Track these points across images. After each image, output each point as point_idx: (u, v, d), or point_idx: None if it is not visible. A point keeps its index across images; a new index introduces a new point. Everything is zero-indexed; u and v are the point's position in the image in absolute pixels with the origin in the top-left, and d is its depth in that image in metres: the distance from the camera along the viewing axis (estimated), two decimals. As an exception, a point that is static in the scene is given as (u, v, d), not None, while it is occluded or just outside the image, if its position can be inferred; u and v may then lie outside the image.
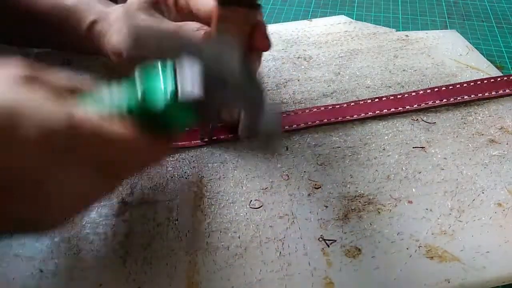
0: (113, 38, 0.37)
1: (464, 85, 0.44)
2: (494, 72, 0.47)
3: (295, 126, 0.40)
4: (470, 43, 0.52)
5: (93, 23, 0.39)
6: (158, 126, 0.27)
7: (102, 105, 0.27)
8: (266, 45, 0.34)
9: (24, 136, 0.22)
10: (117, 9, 0.38)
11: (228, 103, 0.27)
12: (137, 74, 0.27)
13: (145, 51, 0.35)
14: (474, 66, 0.48)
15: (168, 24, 0.34)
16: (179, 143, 0.38)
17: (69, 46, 0.45)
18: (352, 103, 0.42)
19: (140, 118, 0.26)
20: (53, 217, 0.25)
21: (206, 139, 0.38)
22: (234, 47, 0.28)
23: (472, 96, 0.43)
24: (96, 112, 0.26)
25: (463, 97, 0.43)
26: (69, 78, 0.29)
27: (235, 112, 0.36)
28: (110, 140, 0.25)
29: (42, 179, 0.23)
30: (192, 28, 0.33)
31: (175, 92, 0.26)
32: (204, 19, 0.34)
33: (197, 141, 0.38)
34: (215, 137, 0.39)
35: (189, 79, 0.26)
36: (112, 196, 0.34)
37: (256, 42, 0.33)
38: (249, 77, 0.27)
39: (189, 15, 0.36)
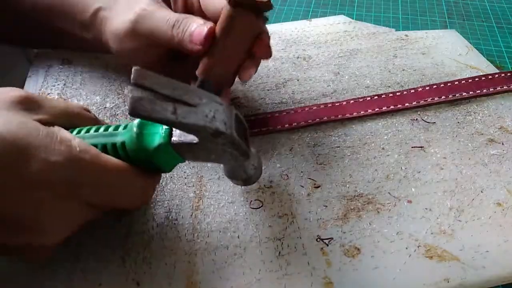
0: (114, 22, 0.36)
1: (463, 82, 0.44)
2: (494, 71, 0.47)
3: (295, 124, 0.40)
4: (470, 43, 0.52)
5: (99, 9, 0.38)
6: (150, 163, 0.28)
7: (97, 138, 0.28)
8: (267, 54, 0.34)
9: (31, 171, 0.23)
10: None
11: (217, 155, 0.28)
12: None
13: (142, 38, 0.35)
14: (474, 65, 0.48)
15: (171, 13, 0.34)
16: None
17: (68, 41, 0.44)
18: (352, 101, 0.42)
19: (134, 154, 0.27)
20: (42, 245, 0.26)
21: None
22: (223, 102, 0.28)
23: (470, 93, 0.43)
24: (92, 145, 0.27)
25: (462, 94, 0.43)
26: (64, 105, 0.30)
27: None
28: (106, 171, 0.26)
29: (39, 210, 0.24)
30: (197, 21, 0.33)
31: (169, 133, 0.27)
32: (212, 19, 0.34)
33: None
34: None
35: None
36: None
37: (257, 50, 0.33)
38: (240, 135, 0.28)
39: (197, 12, 0.36)
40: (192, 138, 0.27)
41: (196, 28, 0.32)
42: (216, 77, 0.33)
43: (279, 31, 0.53)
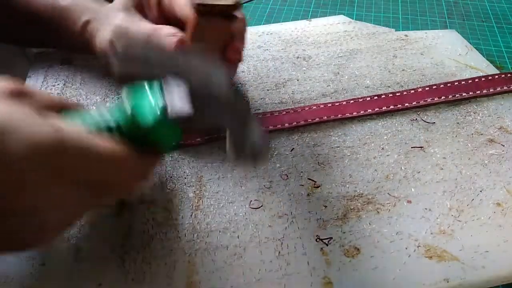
0: (99, 37, 0.37)
1: (463, 82, 0.44)
2: (494, 71, 0.47)
3: (295, 123, 0.40)
4: (470, 43, 0.52)
5: (87, 22, 0.39)
6: (146, 143, 0.27)
7: (90, 121, 0.27)
8: (236, 59, 0.34)
9: (13, 151, 0.22)
10: (109, 8, 0.38)
11: (216, 119, 0.27)
12: (125, 92, 0.27)
13: (120, 53, 0.35)
14: (474, 65, 0.48)
15: (144, 26, 0.34)
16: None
17: (65, 45, 0.45)
18: (352, 101, 0.42)
19: (130, 134, 0.27)
20: (39, 235, 0.25)
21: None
22: (217, 62, 0.28)
23: (470, 93, 0.43)
24: (84, 128, 0.26)
25: (462, 94, 0.43)
26: (57, 97, 0.29)
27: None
28: (98, 155, 0.25)
29: (30, 196, 0.23)
30: (167, 33, 0.33)
31: (164, 108, 0.26)
32: (184, 21, 0.34)
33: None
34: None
35: (177, 96, 0.26)
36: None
37: (228, 55, 0.33)
38: (235, 93, 0.27)
39: (171, 16, 0.36)
40: (186, 111, 0.26)
41: (166, 40, 0.32)
42: None
43: (279, 31, 0.53)
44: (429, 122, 0.41)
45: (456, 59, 0.49)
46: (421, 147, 0.38)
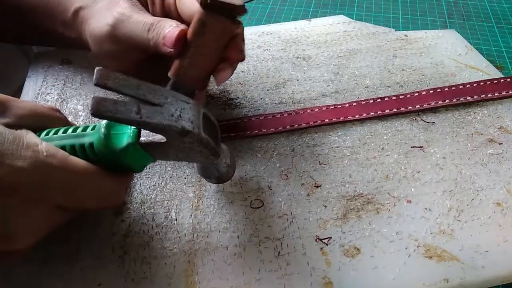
0: (93, 24, 0.36)
1: (467, 85, 0.44)
2: (493, 71, 0.47)
3: (296, 125, 0.40)
4: (470, 43, 0.52)
5: (79, 9, 0.38)
6: (118, 164, 0.28)
7: (65, 139, 0.28)
8: (239, 58, 0.34)
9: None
10: None
11: (187, 151, 0.28)
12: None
13: (120, 42, 0.35)
14: (473, 65, 0.48)
15: (147, 17, 0.34)
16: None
17: (53, 39, 0.44)
18: (354, 103, 0.42)
19: (102, 154, 0.27)
20: (12, 250, 0.25)
21: None
22: (193, 101, 0.28)
23: (474, 97, 0.43)
24: (60, 147, 0.27)
25: (466, 98, 0.43)
26: (36, 107, 0.29)
27: None
28: (73, 173, 0.26)
29: (7, 217, 0.24)
30: (169, 23, 0.33)
31: (137, 133, 0.27)
32: (187, 22, 0.34)
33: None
34: None
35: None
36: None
37: (230, 53, 0.33)
38: (205, 126, 0.28)
39: (174, 15, 0.36)
40: (160, 137, 0.27)
41: (168, 30, 0.32)
42: (189, 79, 0.33)
43: (278, 31, 0.53)
44: (429, 122, 0.41)
45: (456, 59, 0.49)
46: (421, 147, 0.39)
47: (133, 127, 0.27)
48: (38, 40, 0.48)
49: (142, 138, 0.27)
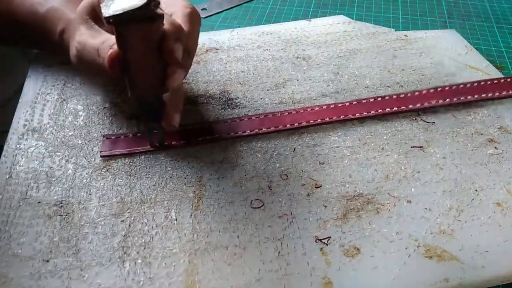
0: (72, 45, 0.36)
1: (468, 85, 0.44)
2: (493, 71, 0.47)
3: (297, 124, 0.40)
4: (470, 43, 0.52)
5: (62, 31, 0.38)
6: None
7: None
8: (172, 60, 0.31)
9: None
10: (74, 19, 0.37)
11: None
12: None
13: (88, 68, 0.35)
14: (473, 65, 0.48)
15: (95, 40, 0.34)
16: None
17: (51, 50, 0.45)
18: (354, 102, 0.42)
19: None
20: None
21: (156, 145, 0.38)
22: None
23: (475, 96, 0.43)
24: None
25: (466, 97, 0.43)
26: None
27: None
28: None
29: None
30: (109, 45, 0.32)
31: None
32: None
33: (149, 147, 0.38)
34: (166, 143, 0.38)
35: None
36: (111, 196, 0.34)
37: (165, 57, 0.31)
38: None
39: None
40: None
41: (107, 53, 0.32)
42: (147, 94, 0.33)
43: (279, 31, 0.53)
44: (429, 122, 0.41)
45: (456, 59, 0.49)
46: (421, 147, 0.39)
47: None
48: (35, 47, 0.48)
49: None
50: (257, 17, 0.66)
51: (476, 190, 0.35)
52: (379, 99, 0.43)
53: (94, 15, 0.36)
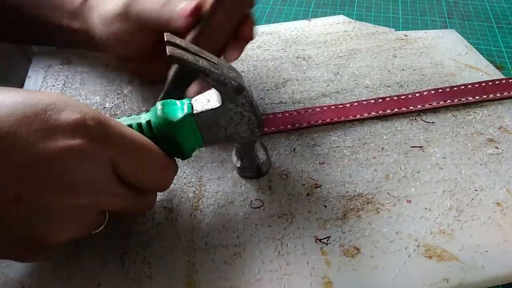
0: (105, 6, 0.36)
1: (469, 86, 0.44)
2: (493, 71, 0.47)
3: (297, 125, 0.40)
4: (470, 43, 0.52)
5: None
6: (171, 144, 0.29)
7: (123, 122, 0.29)
8: (250, 36, 0.35)
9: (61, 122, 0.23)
10: None
11: (235, 120, 0.30)
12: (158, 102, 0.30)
13: (131, 20, 0.35)
14: (473, 65, 0.48)
15: None
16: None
17: (54, 34, 0.44)
18: (355, 103, 0.42)
19: (158, 131, 0.29)
20: (44, 240, 0.25)
21: None
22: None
23: (476, 97, 0.43)
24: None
25: (467, 98, 0.42)
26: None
27: None
28: (136, 144, 0.26)
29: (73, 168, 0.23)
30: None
31: (191, 104, 0.29)
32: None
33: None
34: None
35: (204, 99, 0.30)
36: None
37: (243, 31, 0.34)
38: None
39: None
40: (213, 105, 0.29)
41: (184, 4, 0.32)
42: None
43: (278, 31, 0.53)
44: (428, 122, 0.41)
45: (456, 59, 0.49)
46: (420, 147, 0.38)
47: (186, 102, 0.30)
48: (37, 39, 0.47)
49: (195, 111, 0.29)
50: (257, 17, 0.66)
51: (476, 190, 0.35)
52: (380, 100, 0.42)
53: None
